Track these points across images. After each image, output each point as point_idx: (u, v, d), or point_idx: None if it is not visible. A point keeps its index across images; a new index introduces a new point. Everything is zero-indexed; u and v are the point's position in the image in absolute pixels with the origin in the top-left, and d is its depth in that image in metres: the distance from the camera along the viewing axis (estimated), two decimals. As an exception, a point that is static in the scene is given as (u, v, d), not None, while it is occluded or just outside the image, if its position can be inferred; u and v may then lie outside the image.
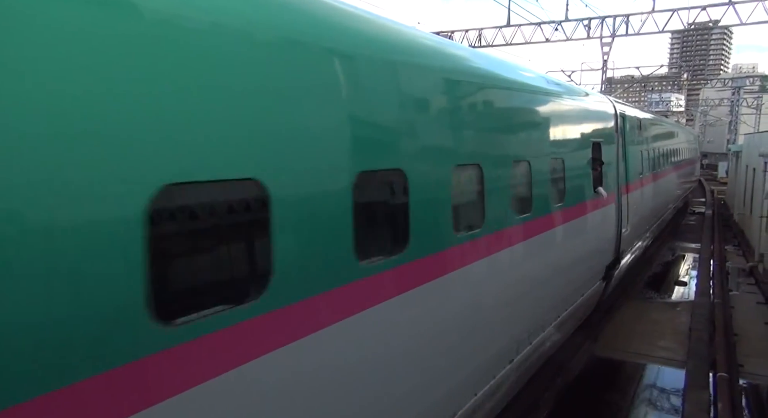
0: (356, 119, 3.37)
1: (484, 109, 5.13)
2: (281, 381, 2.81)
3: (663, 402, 8.75)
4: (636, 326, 11.42)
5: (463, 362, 4.67)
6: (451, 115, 4.44)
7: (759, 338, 10.64)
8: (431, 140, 4.10)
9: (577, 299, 8.40)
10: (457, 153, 4.48)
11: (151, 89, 2.22)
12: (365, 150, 3.43)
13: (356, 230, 3.24)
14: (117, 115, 2.08)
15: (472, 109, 4.86)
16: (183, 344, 2.28)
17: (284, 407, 2.83)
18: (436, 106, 4.26)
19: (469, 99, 4.81)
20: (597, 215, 8.97)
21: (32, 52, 1.85)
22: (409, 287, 3.80)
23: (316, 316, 3.01)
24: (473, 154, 4.69)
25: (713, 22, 28.65)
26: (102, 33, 2.06)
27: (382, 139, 3.64)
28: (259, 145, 2.70)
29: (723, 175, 46.95)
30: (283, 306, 2.77)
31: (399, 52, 3.94)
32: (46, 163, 1.87)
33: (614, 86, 52.97)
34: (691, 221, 27.51)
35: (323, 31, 3.28)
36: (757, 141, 20.09)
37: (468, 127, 4.67)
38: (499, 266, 5.19)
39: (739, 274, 15.83)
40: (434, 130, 4.17)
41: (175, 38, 2.33)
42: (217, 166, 2.45)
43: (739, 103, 61.96)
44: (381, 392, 3.67)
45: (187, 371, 2.30)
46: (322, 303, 3.05)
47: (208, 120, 2.42)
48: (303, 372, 2.92)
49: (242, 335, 2.57)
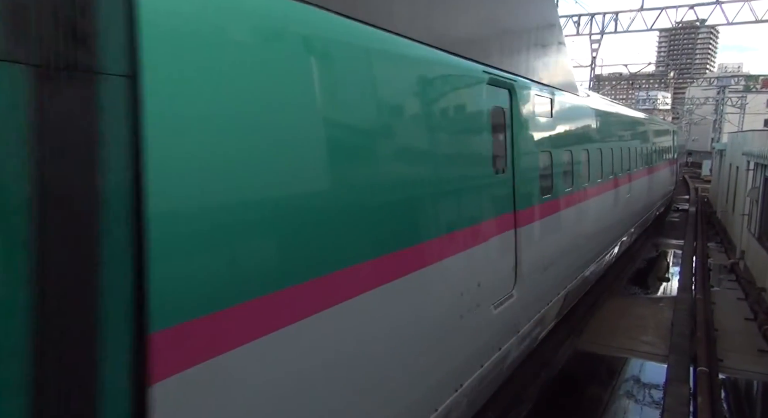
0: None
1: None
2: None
3: (644, 396, 8.87)
4: (619, 321, 11.56)
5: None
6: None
7: (739, 334, 10.82)
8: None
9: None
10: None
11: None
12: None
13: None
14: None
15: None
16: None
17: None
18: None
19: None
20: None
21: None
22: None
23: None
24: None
25: (700, 21, 28.98)
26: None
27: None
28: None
29: (707, 173, 47.54)
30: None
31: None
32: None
33: (602, 83, 53.28)
34: (675, 217, 27.86)
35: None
36: (741, 140, 20.36)
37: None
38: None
39: (721, 270, 16.09)
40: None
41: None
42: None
43: (723, 102, 62.71)
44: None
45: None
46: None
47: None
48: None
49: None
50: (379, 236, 3.43)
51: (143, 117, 2.03)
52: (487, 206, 5.04)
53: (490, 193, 5.15)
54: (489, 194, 5.13)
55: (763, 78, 64.23)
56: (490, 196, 5.14)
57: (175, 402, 2.12)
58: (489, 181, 5.15)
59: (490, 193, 5.17)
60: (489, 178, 5.14)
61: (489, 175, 5.13)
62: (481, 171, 4.98)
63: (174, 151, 2.15)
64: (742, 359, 9.62)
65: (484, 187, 5.05)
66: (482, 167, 5.00)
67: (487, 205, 5.05)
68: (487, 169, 5.08)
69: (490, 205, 5.13)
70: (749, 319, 11.61)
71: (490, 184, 5.17)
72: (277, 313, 2.61)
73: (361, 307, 3.22)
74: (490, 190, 5.16)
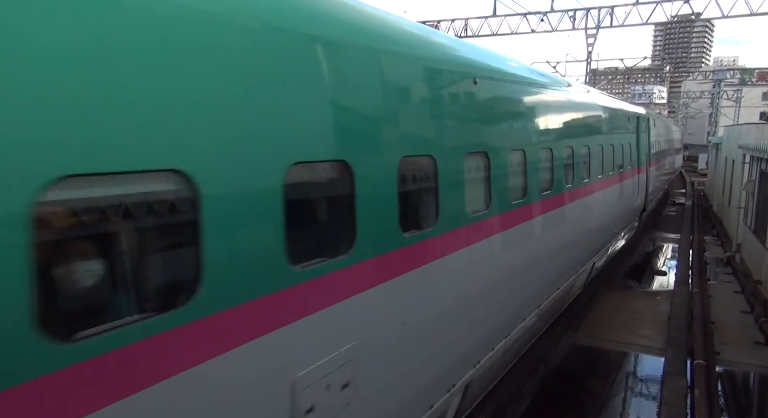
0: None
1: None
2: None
3: (642, 389, 8.93)
4: (617, 315, 11.61)
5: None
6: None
7: (735, 326, 10.89)
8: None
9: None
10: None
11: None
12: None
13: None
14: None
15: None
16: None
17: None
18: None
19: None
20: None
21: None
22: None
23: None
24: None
25: (696, 15, 28.97)
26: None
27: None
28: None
29: (703, 166, 47.65)
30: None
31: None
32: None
33: (598, 78, 53.35)
34: (672, 211, 27.96)
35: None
36: (737, 133, 20.42)
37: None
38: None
39: (717, 264, 16.16)
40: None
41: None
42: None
43: (719, 95, 62.80)
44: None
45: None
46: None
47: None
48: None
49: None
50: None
51: None
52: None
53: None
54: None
55: (759, 71, 64.31)
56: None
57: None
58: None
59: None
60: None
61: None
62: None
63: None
64: (739, 351, 9.68)
65: None
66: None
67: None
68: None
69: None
70: (745, 311, 11.68)
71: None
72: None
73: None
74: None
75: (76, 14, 2.07)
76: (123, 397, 2.17)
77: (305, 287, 3.10)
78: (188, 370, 2.42)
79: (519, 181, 6.28)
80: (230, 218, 2.63)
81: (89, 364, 2.06)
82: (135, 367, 2.22)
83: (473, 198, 5.16)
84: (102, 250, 2.30)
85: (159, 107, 2.34)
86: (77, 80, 2.05)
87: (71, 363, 2.01)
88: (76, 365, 2.02)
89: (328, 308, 3.28)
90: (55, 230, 2.09)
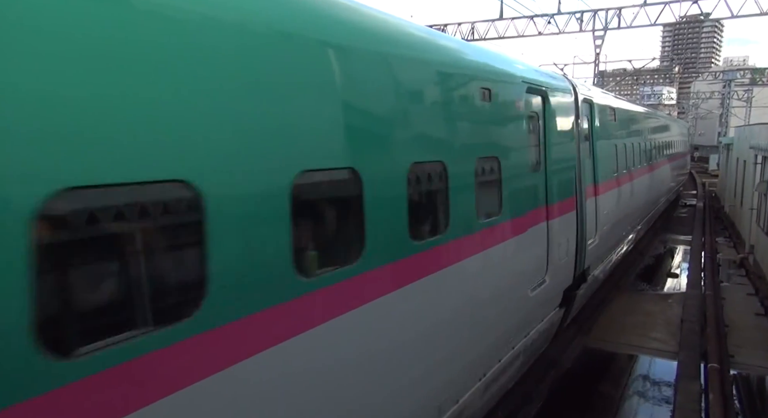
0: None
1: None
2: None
3: (655, 393, 8.82)
4: (628, 318, 11.50)
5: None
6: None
7: (749, 329, 10.74)
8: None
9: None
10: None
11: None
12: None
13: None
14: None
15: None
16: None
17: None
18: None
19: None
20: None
21: None
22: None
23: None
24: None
25: (704, 15, 28.76)
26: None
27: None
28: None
29: (714, 167, 47.21)
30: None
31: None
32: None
33: (607, 80, 53.09)
34: (683, 213, 27.70)
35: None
36: (748, 134, 20.22)
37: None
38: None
39: (730, 265, 15.97)
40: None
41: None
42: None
43: (729, 95, 62.28)
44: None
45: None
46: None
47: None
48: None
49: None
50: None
51: None
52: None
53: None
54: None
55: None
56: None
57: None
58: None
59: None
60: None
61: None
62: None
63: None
64: (754, 354, 9.55)
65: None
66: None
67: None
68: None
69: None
70: (760, 314, 11.53)
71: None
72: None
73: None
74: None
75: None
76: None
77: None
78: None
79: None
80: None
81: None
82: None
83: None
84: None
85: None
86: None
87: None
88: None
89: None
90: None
